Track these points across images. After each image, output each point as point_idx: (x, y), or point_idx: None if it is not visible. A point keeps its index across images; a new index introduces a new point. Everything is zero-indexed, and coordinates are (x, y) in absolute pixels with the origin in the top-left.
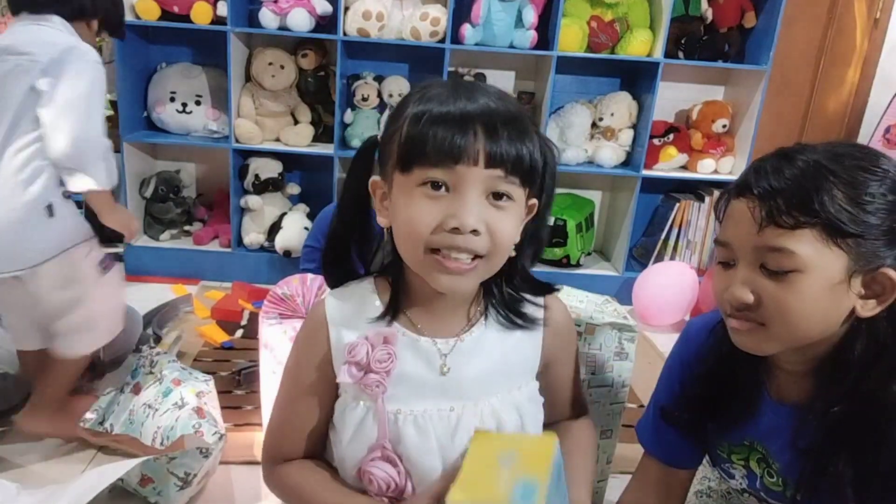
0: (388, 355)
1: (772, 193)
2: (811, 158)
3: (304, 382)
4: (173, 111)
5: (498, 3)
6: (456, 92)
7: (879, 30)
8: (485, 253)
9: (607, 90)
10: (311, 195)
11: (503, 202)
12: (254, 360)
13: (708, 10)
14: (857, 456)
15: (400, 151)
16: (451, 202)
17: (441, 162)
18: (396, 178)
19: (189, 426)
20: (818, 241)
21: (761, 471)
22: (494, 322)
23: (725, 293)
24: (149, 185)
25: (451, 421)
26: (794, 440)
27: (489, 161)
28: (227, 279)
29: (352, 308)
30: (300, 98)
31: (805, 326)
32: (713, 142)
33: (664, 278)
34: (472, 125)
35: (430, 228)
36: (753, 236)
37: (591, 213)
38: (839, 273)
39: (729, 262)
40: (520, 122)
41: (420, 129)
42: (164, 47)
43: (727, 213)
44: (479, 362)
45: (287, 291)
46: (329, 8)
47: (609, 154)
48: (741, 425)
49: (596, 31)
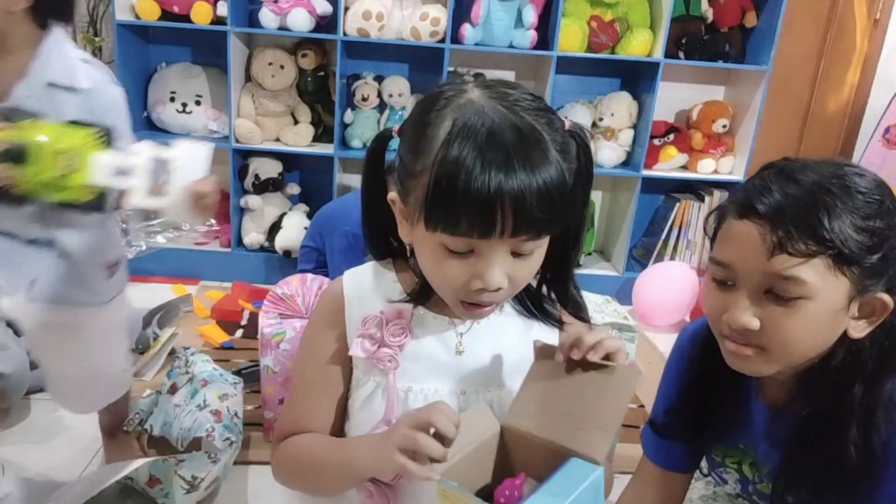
0: (401, 330)
1: (780, 219)
2: (811, 178)
3: (319, 360)
4: (173, 111)
5: (498, 2)
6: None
7: (879, 30)
8: (507, 298)
9: (607, 90)
10: (310, 195)
11: (527, 255)
12: (254, 360)
13: (708, 10)
14: (822, 451)
15: (425, 204)
16: (476, 263)
17: (465, 234)
18: (418, 227)
19: (203, 429)
20: (826, 270)
21: (753, 474)
22: (513, 309)
23: (725, 315)
24: None
25: (462, 405)
26: (773, 441)
27: (515, 232)
28: (227, 279)
29: (370, 286)
30: (300, 98)
31: (804, 350)
32: (713, 142)
33: (664, 278)
34: (503, 204)
35: (457, 286)
36: (763, 263)
37: (592, 214)
38: (842, 299)
39: (727, 281)
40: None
41: (448, 195)
42: (164, 47)
43: (728, 232)
44: (495, 346)
45: (287, 291)
46: (329, 8)
47: (609, 154)
48: (735, 429)
49: (596, 31)
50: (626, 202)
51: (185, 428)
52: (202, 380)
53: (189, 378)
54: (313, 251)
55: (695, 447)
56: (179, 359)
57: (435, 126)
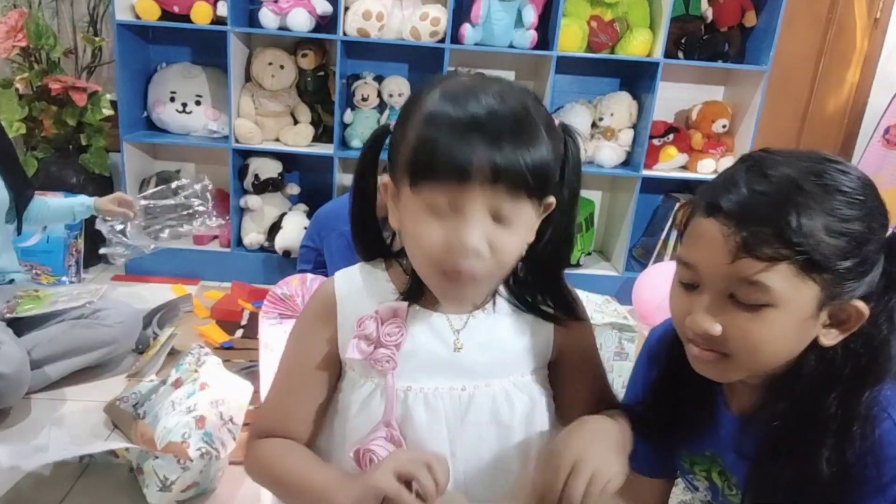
0: (397, 329)
1: (746, 218)
2: (784, 174)
3: (305, 361)
4: (173, 111)
5: (498, 2)
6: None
7: (879, 30)
8: (489, 274)
9: (607, 90)
10: (310, 195)
11: (508, 222)
12: (254, 360)
13: (708, 10)
14: (792, 464)
15: (410, 158)
16: (456, 226)
17: (444, 181)
18: (404, 195)
19: (180, 434)
20: (794, 276)
21: (722, 483)
22: (507, 305)
23: (688, 319)
24: (148, 185)
25: (463, 401)
26: (742, 449)
27: (493, 178)
28: (227, 279)
29: (362, 288)
30: (300, 98)
31: (771, 358)
32: (713, 142)
33: (664, 278)
34: (479, 145)
35: (436, 252)
36: (725, 265)
37: (591, 214)
38: (811, 306)
39: (692, 283)
40: (526, 127)
41: (424, 144)
42: (164, 47)
43: (694, 231)
44: (491, 340)
45: (287, 291)
46: (329, 8)
47: (609, 154)
48: (701, 435)
49: (596, 31)
50: (625, 202)
51: (166, 428)
52: (203, 382)
53: (195, 378)
54: (312, 251)
55: (662, 450)
56: (192, 355)
57: (423, 97)
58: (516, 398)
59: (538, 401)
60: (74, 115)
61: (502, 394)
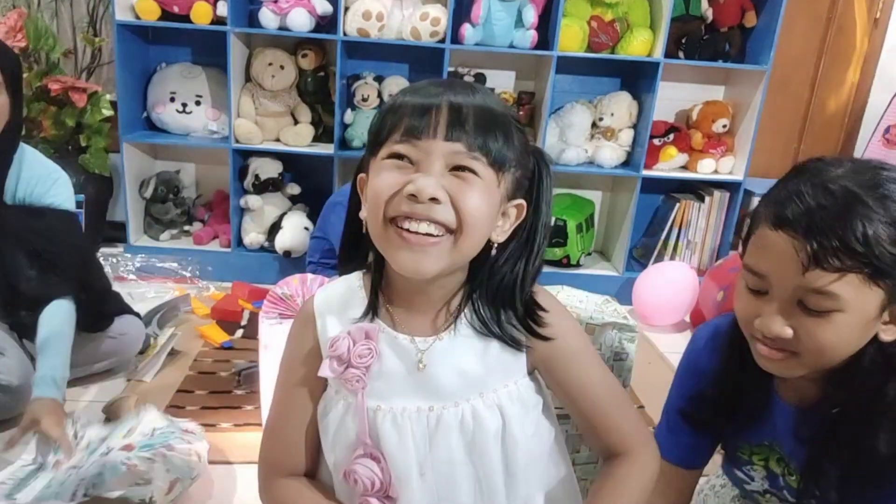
0: (368, 350)
1: (814, 231)
2: (844, 185)
3: (295, 377)
4: (173, 111)
5: (498, 2)
6: (438, 85)
7: (879, 30)
8: (452, 226)
9: (607, 90)
10: (310, 195)
11: (466, 174)
12: (254, 360)
13: (708, 10)
14: (852, 446)
15: (373, 133)
16: (413, 173)
17: (405, 135)
18: (371, 163)
19: (118, 470)
20: (861, 284)
21: (782, 470)
22: (470, 328)
23: (758, 321)
24: (148, 185)
25: (430, 421)
26: (800, 437)
27: (449, 134)
28: (227, 279)
29: (339, 302)
30: (300, 98)
31: (836, 356)
32: (713, 142)
33: (664, 278)
34: (439, 105)
35: (389, 195)
36: (797, 276)
37: (592, 214)
38: (875, 309)
39: (760, 290)
40: (493, 115)
41: (390, 112)
42: (164, 47)
43: (761, 241)
44: (457, 361)
45: (287, 291)
46: (329, 8)
47: (609, 154)
48: (758, 426)
49: (596, 31)
50: (625, 202)
51: (90, 476)
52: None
53: (85, 447)
54: (321, 241)
55: (711, 442)
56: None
57: (398, 93)
58: (487, 418)
59: (511, 416)
60: (73, 116)
61: (470, 414)
